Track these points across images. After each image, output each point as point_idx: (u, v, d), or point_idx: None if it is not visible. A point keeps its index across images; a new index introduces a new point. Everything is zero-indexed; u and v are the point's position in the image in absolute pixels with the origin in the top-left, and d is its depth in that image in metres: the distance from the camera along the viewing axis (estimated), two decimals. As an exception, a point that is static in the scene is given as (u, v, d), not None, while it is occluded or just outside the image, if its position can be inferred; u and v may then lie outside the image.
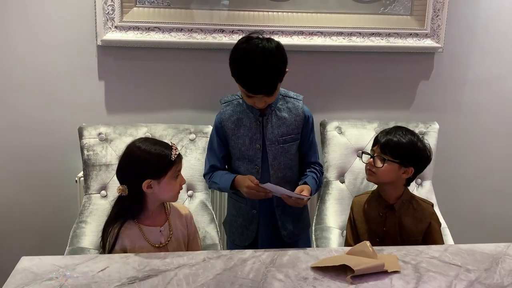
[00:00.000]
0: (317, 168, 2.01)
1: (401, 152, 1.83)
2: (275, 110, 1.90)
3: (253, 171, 1.92)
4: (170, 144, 1.71)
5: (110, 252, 1.67)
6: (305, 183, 1.89)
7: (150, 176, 1.66)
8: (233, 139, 1.92)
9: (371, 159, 1.88)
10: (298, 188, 1.85)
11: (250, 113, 1.90)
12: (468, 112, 2.64)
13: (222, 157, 1.97)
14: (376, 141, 1.90)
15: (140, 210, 1.71)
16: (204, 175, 2.02)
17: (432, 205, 1.95)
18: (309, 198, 1.85)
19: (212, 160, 1.98)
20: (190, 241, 1.83)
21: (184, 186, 1.84)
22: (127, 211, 1.70)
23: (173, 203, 1.82)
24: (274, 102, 1.88)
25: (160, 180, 1.67)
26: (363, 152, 1.99)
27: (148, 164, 1.65)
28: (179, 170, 1.72)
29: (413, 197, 1.94)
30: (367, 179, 1.93)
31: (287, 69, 1.79)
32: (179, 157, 1.71)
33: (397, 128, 1.90)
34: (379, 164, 1.85)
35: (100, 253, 1.72)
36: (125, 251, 1.67)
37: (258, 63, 1.71)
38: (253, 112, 1.89)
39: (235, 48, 1.78)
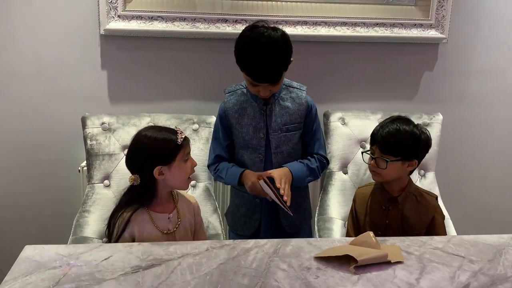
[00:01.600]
0: (316, 156, 1.98)
1: (401, 149, 1.78)
2: (279, 100, 1.90)
3: (256, 160, 1.92)
4: (175, 129, 1.72)
5: (118, 238, 1.67)
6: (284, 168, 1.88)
7: (160, 162, 1.67)
8: (237, 128, 1.92)
9: (373, 161, 1.83)
10: (275, 171, 1.83)
11: (254, 102, 1.90)
12: (472, 103, 2.63)
13: (227, 146, 1.96)
14: (374, 139, 1.85)
15: (152, 197, 1.73)
16: (209, 166, 2.01)
17: (436, 198, 1.92)
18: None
19: (217, 149, 1.97)
20: (196, 230, 1.84)
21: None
22: (139, 199, 1.71)
23: (181, 192, 1.84)
24: (278, 91, 1.89)
25: (170, 165, 1.68)
26: (363, 152, 1.93)
27: (156, 151, 1.67)
28: (188, 153, 1.74)
29: (417, 189, 1.91)
30: (373, 179, 1.88)
31: (291, 59, 1.79)
32: (186, 140, 1.73)
33: (391, 122, 1.83)
34: (382, 165, 1.80)
35: (105, 242, 1.72)
36: (133, 238, 1.68)
37: (264, 51, 1.71)
38: (257, 101, 1.89)
39: (241, 37, 1.78)
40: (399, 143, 1.79)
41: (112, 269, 1.43)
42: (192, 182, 2.19)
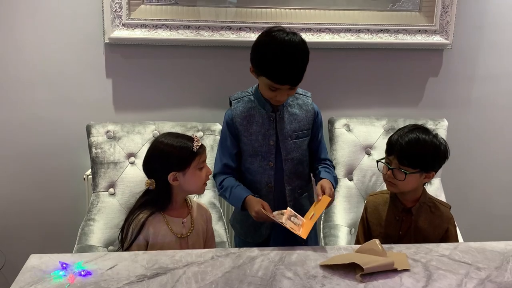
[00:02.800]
0: (329, 163, 1.99)
1: (421, 161, 1.72)
2: (286, 106, 1.90)
3: (266, 167, 1.91)
4: (193, 137, 1.74)
5: (132, 242, 1.69)
6: (321, 178, 1.87)
7: (174, 168, 1.70)
8: (245, 135, 1.90)
9: (390, 171, 1.76)
10: (317, 188, 1.80)
11: (262, 109, 1.89)
12: (477, 108, 2.62)
13: (235, 154, 1.94)
14: (391, 149, 1.77)
15: (167, 202, 1.75)
16: (215, 175, 1.96)
17: (450, 208, 1.87)
18: (331, 202, 1.80)
19: (224, 158, 1.94)
20: (207, 237, 1.86)
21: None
22: (154, 203, 1.73)
23: (194, 199, 1.86)
24: None
25: (185, 172, 1.70)
26: (378, 161, 1.87)
27: (171, 157, 1.70)
28: (204, 161, 1.75)
29: (430, 199, 1.86)
30: (388, 189, 1.83)
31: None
32: (202, 148, 1.75)
33: (410, 131, 1.76)
34: (400, 177, 1.73)
35: (117, 246, 1.73)
36: (147, 241, 1.70)
37: (287, 53, 1.72)
38: (265, 108, 1.88)
39: (261, 41, 1.79)
40: (418, 155, 1.72)
41: (117, 278, 1.42)
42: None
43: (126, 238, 1.70)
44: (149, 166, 1.75)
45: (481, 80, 2.59)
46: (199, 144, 1.73)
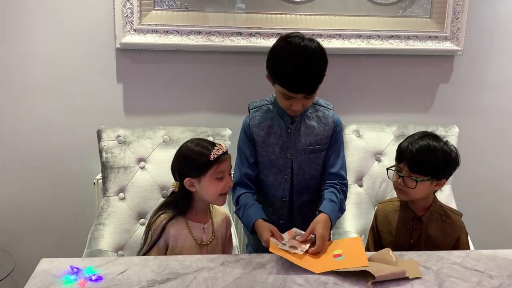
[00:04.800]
0: (337, 184, 1.85)
1: (432, 168, 1.70)
2: (304, 118, 1.82)
3: (282, 181, 1.85)
4: (216, 145, 1.70)
5: (153, 244, 1.68)
6: (320, 212, 1.73)
7: (190, 174, 1.68)
8: (262, 147, 1.83)
9: (400, 179, 1.74)
10: (310, 227, 1.66)
11: (280, 120, 1.82)
12: (488, 115, 2.60)
13: (253, 163, 1.86)
14: (401, 156, 1.74)
15: (187, 206, 1.73)
16: (235, 185, 1.84)
17: (461, 215, 1.84)
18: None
19: (244, 167, 1.86)
20: (225, 243, 1.84)
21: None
22: (176, 206, 1.72)
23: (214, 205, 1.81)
24: (304, 109, 1.80)
25: (200, 179, 1.68)
26: (388, 169, 1.83)
27: (188, 162, 1.68)
28: (223, 171, 1.69)
29: (441, 207, 1.83)
30: (398, 197, 1.80)
31: (325, 73, 1.71)
32: (223, 156, 1.68)
33: (420, 138, 1.73)
34: (410, 185, 1.71)
35: (140, 250, 1.72)
36: (167, 245, 1.69)
37: (301, 60, 1.63)
38: (284, 118, 1.81)
39: (276, 47, 1.71)
40: (430, 162, 1.70)
41: (128, 283, 1.42)
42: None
43: (146, 240, 1.70)
44: (172, 168, 1.75)
45: (492, 86, 2.57)
46: (218, 153, 1.67)
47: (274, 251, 1.56)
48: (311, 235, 1.64)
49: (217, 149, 1.68)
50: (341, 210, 1.83)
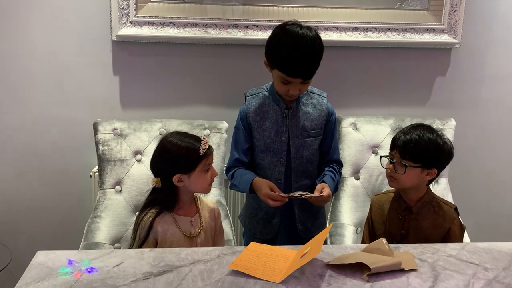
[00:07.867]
0: (336, 168, 2.00)
1: (422, 155, 1.74)
2: (300, 105, 1.92)
3: (277, 164, 1.93)
4: (201, 138, 1.72)
5: (142, 242, 1.68)
6: (323, 181, 1.89)
7: (180, 170, 1.68)
8: (258, 131, 1.92)
9: (391, 165, 1.79)
10: (318, 187, 1.85)
11: (276, 106, 1.91)
12: (485, 108, 2.60)
13: (247, 148, 1.95)
14: (394, 144, 1.80)
15: (174, 201, 1.74)
16: (227, 169, 2.00)
17: (455, 208, 1.86)
18: (332, 196, 1.84)
19: (236, 153, 1.96)
20: (216, 234, 1.85)
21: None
22: (161, 202, 1.73)
23: (202, 197, 1.85)
24: (299, 96, 1.90)
25: (190, 174, 1.69)
26: (381, 156, 1.88)
27: (177, 159, 1.68)
28: (210, 164, 1.74)
29: (435, 198, 1.85)
30: (389, 185, 1.84)
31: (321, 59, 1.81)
32: (210, 150, 1.73)
33: (414, 128, 1.79)
34: (400, 170, 1.75)
35: (130, 245, 1.73)
36: (156, 240, 1.70)
37: (300, 45, 1.74)
38: (279, 104, 1.90)
39: (275, 33, 1.81)
40: (420, 149, 1.74)
41: (124, 275, 1.42)
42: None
43: (135, 238, 1.70)
44: (155, 165, 1.74)
45: (489, 79, 2.57)
46: (206, 146, 1.70)
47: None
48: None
49: (204, 143, 1.70)
50: (336, 189, 2.01)
